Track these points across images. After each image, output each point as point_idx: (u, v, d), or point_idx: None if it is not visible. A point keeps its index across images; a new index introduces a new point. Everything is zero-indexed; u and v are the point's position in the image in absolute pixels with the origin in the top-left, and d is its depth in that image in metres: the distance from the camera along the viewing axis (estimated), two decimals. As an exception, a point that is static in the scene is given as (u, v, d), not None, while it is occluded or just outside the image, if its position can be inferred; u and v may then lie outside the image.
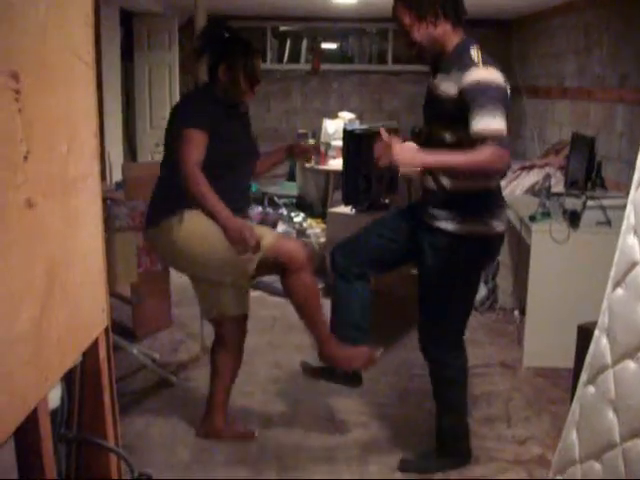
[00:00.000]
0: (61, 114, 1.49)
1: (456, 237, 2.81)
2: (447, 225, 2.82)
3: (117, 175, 6.11)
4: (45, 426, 1.46)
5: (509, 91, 2.68)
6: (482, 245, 2.86)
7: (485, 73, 2.60)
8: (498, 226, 2.85)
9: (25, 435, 1.41)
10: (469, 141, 2.55)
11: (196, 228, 2.99)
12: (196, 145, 2.90)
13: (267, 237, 3.00)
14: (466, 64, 2.62)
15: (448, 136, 2.73)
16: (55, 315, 1.46)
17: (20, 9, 1.30)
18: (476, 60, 2.63)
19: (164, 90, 7.75)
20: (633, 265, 1.81)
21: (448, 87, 2.68)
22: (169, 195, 3.05)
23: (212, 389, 3.31)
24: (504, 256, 5.00)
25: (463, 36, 2.78)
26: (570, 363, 3.52)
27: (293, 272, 3.01)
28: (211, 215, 2.90)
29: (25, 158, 1.28)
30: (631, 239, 1.84)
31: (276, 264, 3.02)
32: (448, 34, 2.75)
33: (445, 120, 2.75)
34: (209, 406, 3.31)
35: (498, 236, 2.89)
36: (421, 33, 2.74)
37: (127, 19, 7.42)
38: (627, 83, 5.53)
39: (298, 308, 3.09)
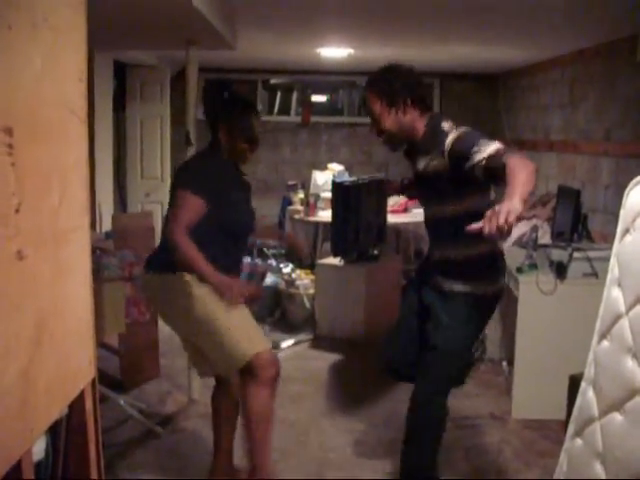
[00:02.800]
0: (53, 167, 1.51)
1: (466, 296, 2.93)
2: (457, 287, 2.94)
3: (107, 225, 6.12)
4: (29, 478, 1.45)
5: None
6: (488, 302, 3.00)
7: (460, 131, 2.79)
8: (500, 283, 3.02)
9: (9, 488, 1.40)
10: (474, 209, 2.74)
11: (209, 293, 2.96)
12: (190, 210, 2.93)
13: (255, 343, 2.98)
14: (443, 135, 2.80)
15: (450, 207, 2.89)
16: (43, 366, 1.46)
17: (15, 64, 1.33)
18: (448, 128, 2.83)
19: (156, 141, 7.80)
20: (618, 317, 1.82)
21: (435, 162, 2.84)
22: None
23: (219, 436, 3.24)
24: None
25: (429, 117, 2.96)
26: (559, 414, 3.51)
27: (259, 383, 2.95)
28: (199, 275, 2.91)
29: (17, 211, 1.30)
30: (615, 291, 1.86)
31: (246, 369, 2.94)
32: (416, 120, 2.95)
33: (444, 193, 2.89)
34: (219, 453, 3.25)
35: (500, 292, 3.04)
36: (391, 121, 2.94)
37: (120, 70, 7.52)
38: (612, 136, 5.62)
39: (249, 423, 3.02)
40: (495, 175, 2.59)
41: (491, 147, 2.63)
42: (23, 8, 1.36)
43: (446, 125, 2.86)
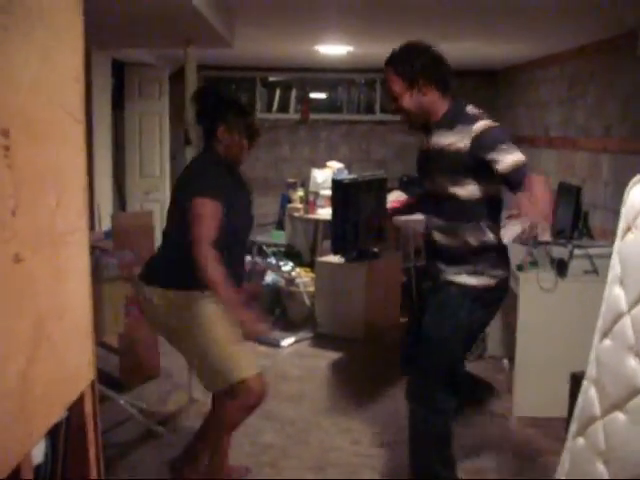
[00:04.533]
0: (50, 169, 1.50)
1: (459, 287, 2.88)
2: (451, 276, 2.89)
3: (107, 224, 6.11)
4: (29, 482, 1.44)
5: None
6: (485, 295, 2.91)
7: (490, 122, 2.78)
8: (500, 277, 2.93)
9: (8, 492, 1.39)
10: (481, 193, 2.80)
11: (209, 315, 2.96)
12: (211, 219, 2.87)
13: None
14: (471, 118, 2.79)
15: (459, 190, 2.82)
16: (41, 369, 1.45)
17: (11, 65, 1.32)
18: (477, 113, 2.82)
19: (154, 139, 7.79)
20: (620, 316, 1.82)
21: (456, 141, 2.78)
22: (181, 265, 2.93)
23: (220, 444, 3.17)
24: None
25: (452, 100, 2.92)
26: (559, 412, 3.51)
27: (240, 407, 3.02)
28: (221, 299, 2.89)
29: (13, 213, 1.29)
30: (617, 290, 1.85)
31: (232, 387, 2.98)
32: (436, 102, 2.90)
33: (455, 174, 2.81)
34: (218, 462, 3.17)
35: (501, 287, 2.96)
36: (410, 100, 2.89)
37: (119, 68, 7.51)
38: (611, 132, 5.61)
39: (215, 434, 3.14)
40: (511, 184, 2.65)
41: (513, 157, 2.63)
42: (18, 9, 1.35)
43: (472, 109, 2.85)
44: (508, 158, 2.63)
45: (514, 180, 2.64)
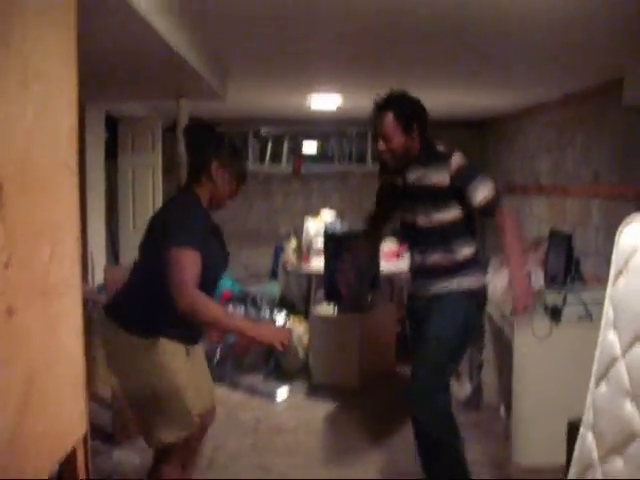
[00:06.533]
0: (44, 220, 1.51)
1: (451, 293, 3.26)
2: (443, 288, 3.27)
3: (99, 277, 6.10)
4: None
5: None
6: (473, 297, 3.31)
7: (462, 159, 3.21)
8: (482, 280, 3.40)
9: None
10: (461, 214, 3.24)
11: (167, 362, 2.79)
12: (194, 267, 2.67)
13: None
14: (443, 154, 3.22)
15: (445, 215, 3.22)
16: (32, 424, 1.43)
17: (7, 119, 1.34)
18: (446, 149, 3.26)
19: (147, 191, 7.81)
20: (614, 360, 1.81)
21: (435, 176, 3.19)
22: (146, 309, 2.78)
23: None
24: (487, 353, 4.99)
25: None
26: (558, 459, 3.46)
27: (170, 462, 2.98)
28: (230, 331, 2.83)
29: (6, 266, 1.29)
30: (611, 335, 1.85)
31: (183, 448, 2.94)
32: (416, 143, 3.25)
33: (439, 203, 3.21)
34: None
35: (484, 289, 3.41)
36: (401, 143, 3.21)
37: (112, 121, 7.57)
38: (600, 179, 5.66)
39: None
40: (483, 214, 3.23)
41: (484, 192, 3.14)
42: (14, 64, 1.37)
43: (440, 146, 3.28)
44: (480, 193, 3.15)
45: (485, 211, 3.20)
